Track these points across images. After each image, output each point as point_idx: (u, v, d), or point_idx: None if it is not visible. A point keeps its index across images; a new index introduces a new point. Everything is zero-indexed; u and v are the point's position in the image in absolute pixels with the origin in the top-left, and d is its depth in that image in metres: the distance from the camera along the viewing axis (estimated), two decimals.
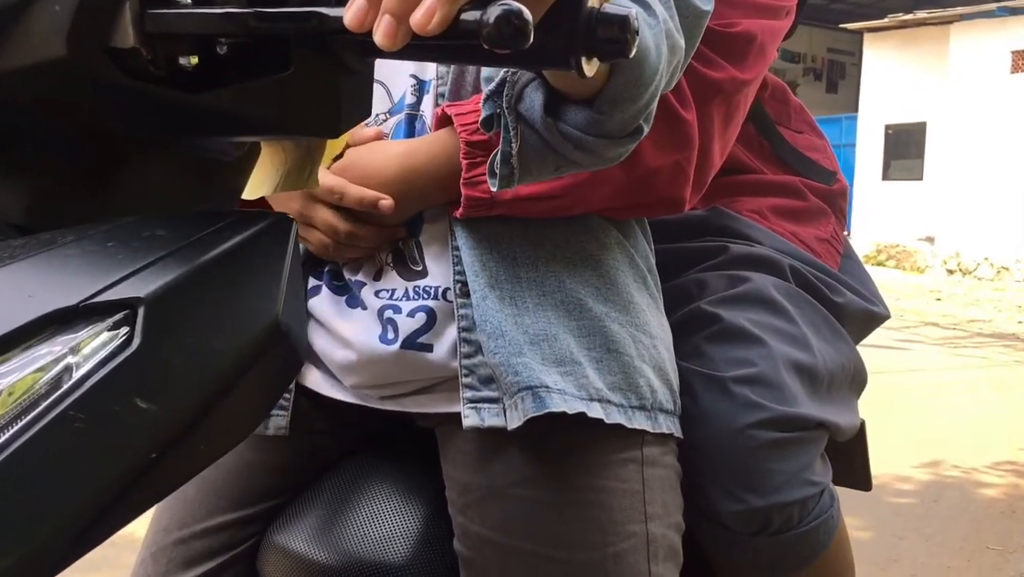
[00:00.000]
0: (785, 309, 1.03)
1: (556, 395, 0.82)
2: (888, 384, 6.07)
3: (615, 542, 0.85)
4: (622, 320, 0.88)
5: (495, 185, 0.72)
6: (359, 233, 0.87)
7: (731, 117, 0.95)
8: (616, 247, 0.91)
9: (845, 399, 1.08)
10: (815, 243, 1.17)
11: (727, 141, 0.97)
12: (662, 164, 0.87)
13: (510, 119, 0.69)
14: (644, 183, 0.87)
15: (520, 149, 0.70)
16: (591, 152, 0.70)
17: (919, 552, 3.21)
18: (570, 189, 0.84)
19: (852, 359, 1.10)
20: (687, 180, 0.90)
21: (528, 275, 0.86)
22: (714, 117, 0.92)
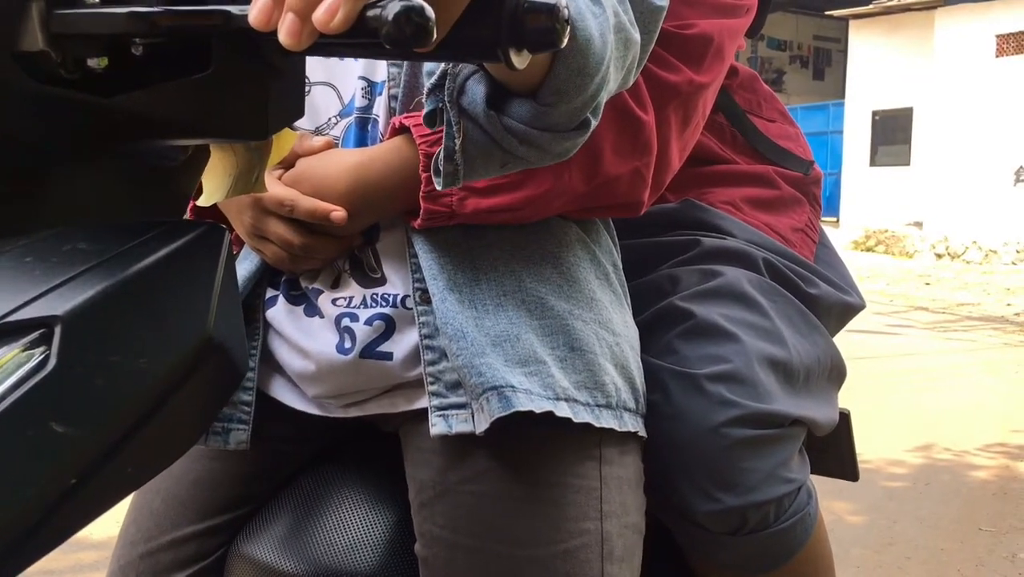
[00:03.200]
0: (758, 304, 1.01)
1: (522, 395, 0.80)
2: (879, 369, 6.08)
3: (567, 539, 0.83)
4: (586, 317, 0.87)
5: (440, 183, 0.70)
6: (313, 245, 0.85)
7: (689, 120, 0.94)
8: (577, 244, 0.90)
9: (823, 393, 1.07)
10: (790, 233, 1.16)
11: (685, 143, 0.95)
12: (622, 172, 0.86)
13: (452, 113, 0.67)
14: (604, 191, 0.86)
15: (464, 145, 0.68)
16: (537, 147, 0.68)
17: (913, 535, 3.22)
18: (531, 200, 0.82)
19: (829, 352, 1.08)
20: (646, 185, 0.89)
21: (487, 276, 0.85)
22: (671, 120, 0.91)
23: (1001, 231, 13.11)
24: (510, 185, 0.82)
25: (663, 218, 1.11)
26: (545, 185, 0.82)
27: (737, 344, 0.96)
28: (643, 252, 1.08)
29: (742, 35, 1.04)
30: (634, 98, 0.86)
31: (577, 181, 0.83)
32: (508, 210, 0.83)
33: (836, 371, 1.10)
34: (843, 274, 1.19)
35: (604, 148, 0.84)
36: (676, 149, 0.93)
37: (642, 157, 0.87)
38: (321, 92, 0.88)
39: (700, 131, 0.98)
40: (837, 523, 3.25)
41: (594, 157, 0.84)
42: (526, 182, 0.82)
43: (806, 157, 1.21)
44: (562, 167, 0.82)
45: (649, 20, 0.76)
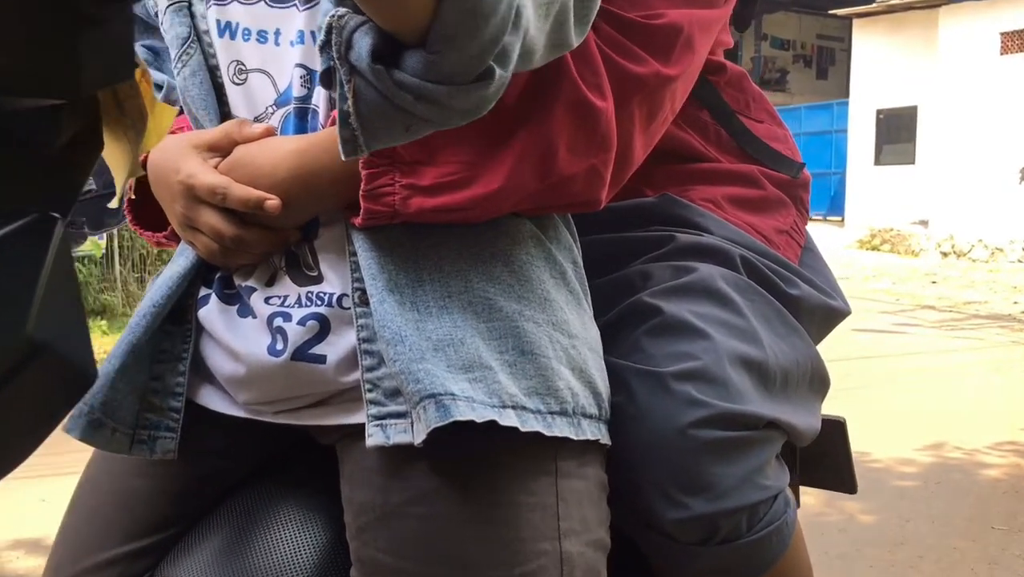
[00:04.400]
0: (733, 301, 0.95)
1: (463, 403, 0.73)
2: (887, 368, 6.07)
3: (522, 562, 0.76)
4: (538, 319, 0.80)
5: (344, 153, 0.64)
6: (246, 237, 0.79)
7: (655, 114, 0.87)
8: (530, 241, 0.83)
9: (803, 400, 1.00)
10: (773, 234, 1.09)
11: (650, 139, 0.89)
12: (578, 170, 0.80)
13: (342, 71, 0.60)
14: (559, 189, 0.80)
15: (357, 106, 0.61)
16: (435, 103, 0.60)
17: (925, 534, 3.22)
18: (480, 200, 0.77)
19: (809, 356, 1.01)
20: (604, 183, 0.83)
21: (432, 277, 0.78)
22: (635, 114, 0.84)
23: (1007, 229, 13.06)
24: (457, 184, 0.76)
25: (638, 213, 1.05)
26: (495, 184, 0.76)
27: (707, 341, 0.89)
28: (615, 248, 1.03)
29: (719, 27, 0.98)
30: (591, 86, 0.79)
31: (530, 180, 0.77)
32: (455, 210, 0.77)
33: (819, 379, 1.03)
34: (828, 278, 1.13)
35: (559, 145, 0.78)
36: (640, 145, 0.87)
37: (599, 153, 0.81)
38: (257, 80, 0.83)
39: (667, 126, 0.92)
40: (849, 522, 3.27)
41: (548, 154, 0.78)
42: (474, 181, 0.77)
43: (795, 159, 1.15)
44: (514, 166, 0.77)
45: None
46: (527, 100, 0.77)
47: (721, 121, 1.12)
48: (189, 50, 0.85)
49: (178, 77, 0.86)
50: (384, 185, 0.75)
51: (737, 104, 1.13)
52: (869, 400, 5.04)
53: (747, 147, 1.12)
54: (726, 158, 1.11)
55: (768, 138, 1.14)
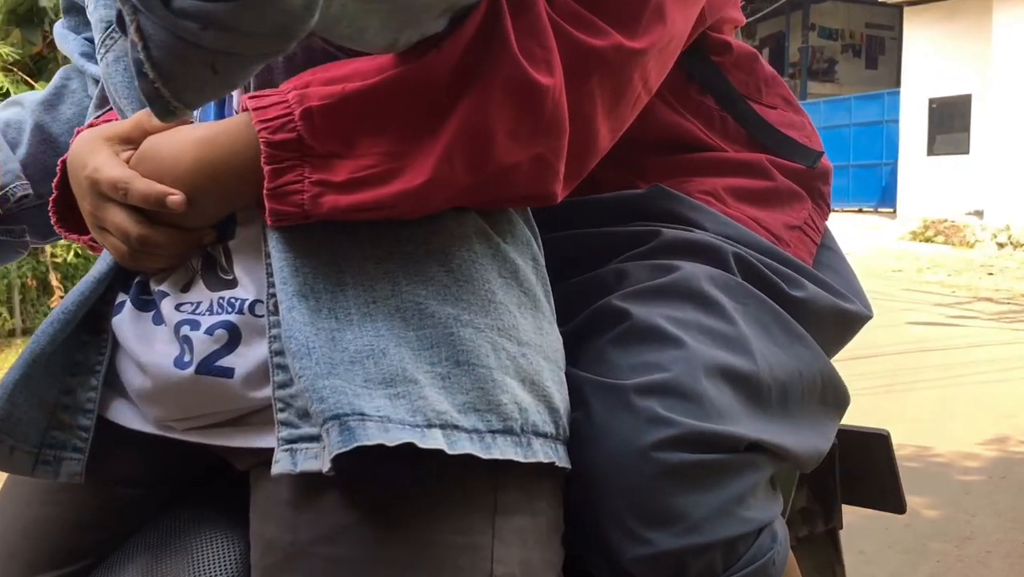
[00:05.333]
0: (718, 304, 0.83)
1: (373, 424, 0.63)
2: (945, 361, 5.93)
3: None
4: (479, 324, 0.70)
5: (156, 113, 0.54)
6: (153, 238, 0.71)
7: (621, 94, 0.76)
8: (475, 236, 0.73)
9: (809, 418, 0.87)
10: (782, 230, 0.97)
11: (618, 122, 0.78)
12: (519, 159, 0.69)
13: (125, 9, 0.51)
14: (497, 183, 0.70)
15: (148, 51, 0.51)
16: (225, 28, 0.49)
17: (992, 529, 3.16)
18: (403, 196, 0.67)
19: (817, 367, 0.88)
20: (555, 174, 0.72)
21: (356, 280, 0.69)
22: (595, 94, 0.73)
23: None
24: (377, 179, 0.67)
25: (623, 206, 0.94)
26: (420, 177, 0.67)
27: (680, 350, 0.78)
28: (593, 244, 0.92)
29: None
30: (537, 62, 0.69)
31: (461, 172, 0.68)
32: (375, 208, 0.67)
33: (832, 392, 0.90)
34: (847, 279, 1.01)
35: (496, 131, 0.67)
36: (604, 129, 0.76)
37: (547, 140, 0.70)
38: None
39: (637, 108, 0.81)
40: (914, 517, 3.21)
41: (482, 142, 0.67)
42: (396, 175, 0.67)
43: (813, 147, 1.03)
44: (442, 156, 0.67)
45: None
46: (459, 80, 0.67)
47: (727, 107, 1.01)
48: (113, 34, 0.79)
49: (101, 63, 0.80)
50: (291, 182, 0.66)
51: (746, 88, 1.02)
52: (927, 394, 4.93)
53: (757, 135, 1.01)
54: (733, 147, 1.00)
55: (782, 125, 1.03)
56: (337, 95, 0.67)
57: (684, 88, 1.00)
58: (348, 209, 0.67)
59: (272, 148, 0.66)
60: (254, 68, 0.54)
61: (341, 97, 0.67)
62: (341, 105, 0.67)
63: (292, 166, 0.67)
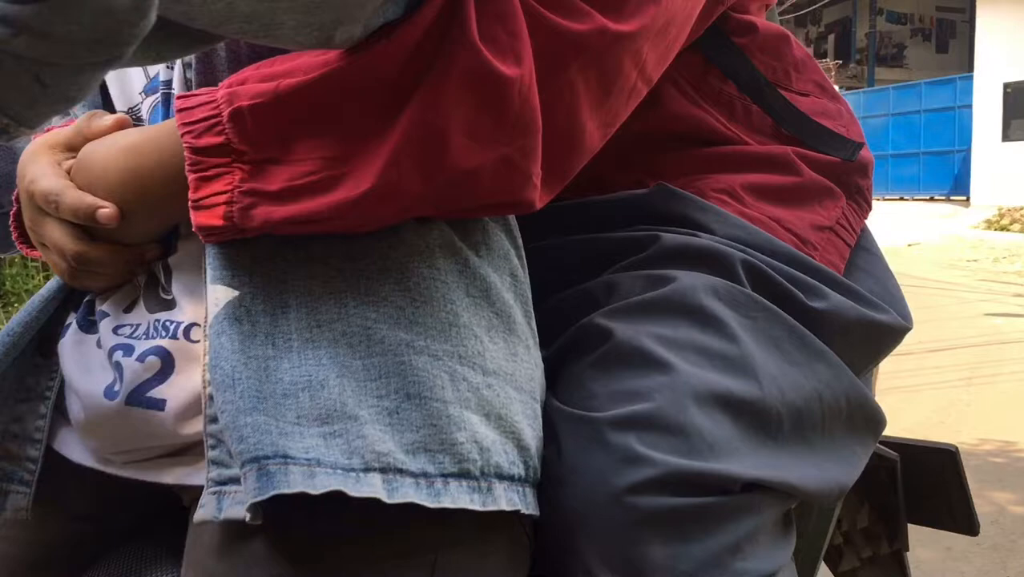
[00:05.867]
0: (717, 319, 0.73)
1: (298, 468, 0.56)
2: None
3: None
4: (436, 350, 0.62)
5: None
6: (90, 254, 0.65)
7: (609, 85, 0.67)
8: (438, 250, 0.65)
9: (832, 445, 0.77)
10: (809, 231, 0.86)
11: (610, 116, 0.69)
12: (482, 162, 0.60)
13: None
14: (458, 189, 0.61)
15: None
16: (40, 33, 0.41)
17: None
18: (345, 207, 0.59)
19: (840, 387, 0.77)
20: (527, 179, 0.63)
21: (300, 301, 0.61)
22: (576, 85, 0.65)
23: None
24: (316, 187, 0.59)
25: (625, 208, 0.84)
26: (363, 185, 0.58)
27: (666, 375, 0.68)
28: (589, 253, 0.82)
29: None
30: (500, 51, 0.60)
31: (411, 178, 0.59)
32: (315, 220, 0.59)
33: (862, 416, 0.79)
34: (885, 286, 0.90)
35: (450, 130, 0.59)
36: (592, 124, 0.67)
37: (514, 140, 0.61)
38: (136, 68, 0.70)
39: (635, 99, 0.72)
40: (1001, 513, 3.13)
41: (435, 143, 0.59)
42: (338, 182, 0.59)
43: (851, 138, 0.91)
44: (389, 160, 0.59)
45: None
46: (412, 73, 0.59)
47: (751, 94, 0.90)
48: None
49: None
50: (219, 192, 0.59)
51: (773, 73, 0.92)
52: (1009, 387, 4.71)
53: (786, 125, 0.90)
54: (757, 139, 0.90)
55: (815, 113, 0.92)
56: (270, 93, 0.59)
57: (702, 74, 0.91)
58: (283, 222, 0.59)
59: (197, 154, 0.59)
60: (91, 79, 0.46)
61: (274, 95, 0.59)
62: (275, 104, 0.59)
63: (220, 174, 0.59)
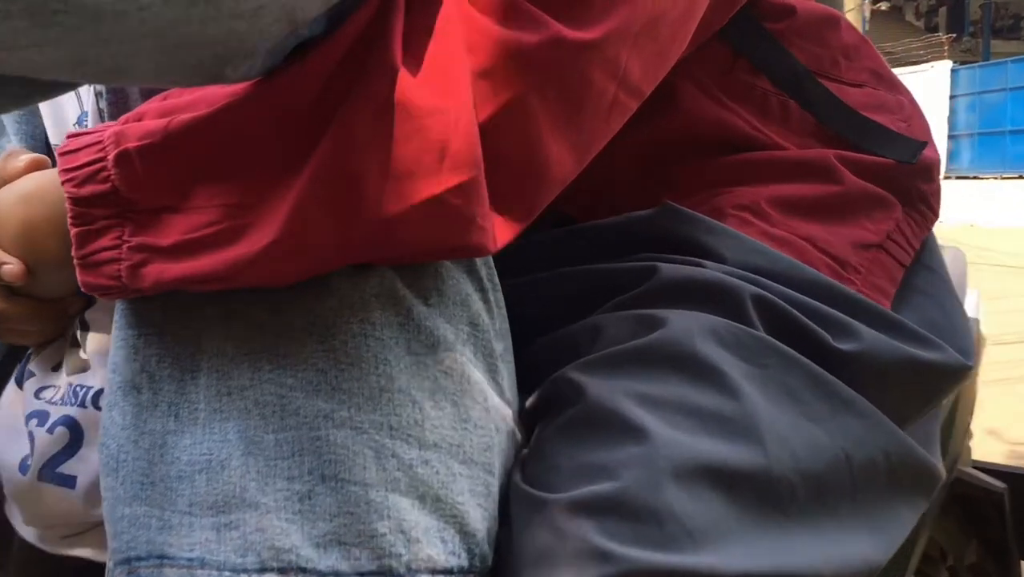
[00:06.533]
0: (714, 370, 0.62)
1: (175, 571, 0.49)
2: None
3: None
4: (360, 422, 0.53)
5: None
6: (8, 311, 0.60)
7: (579, 102, 0.57)
8: (375, 301, 0.56)
9: (865, 513, 0.65)
10: (848, 252, 0.74)
11: (585, 136, 0.59)
12: (404, 208, 0.51)
13: None
14: (378, 239, 0.53)
15: None
16: None
17: None
18: (246, 263, 0.51)
19: (876, 441, 0.66)
20: (469, 221, 0.53)
21: (213, 364, 0.54)
22: (532, 106, 0.54)
23: None
24: (212, 240, 0.51)
25: (625, 233, 0.74)
26: (265, 238, 0.50)
27: (641, 445, 0.57)
28: (579, 287, 0.72)
29: None
30: (424, 73, 0.51)
31: (321, 230, 0.51)
32: (212, 279, 0.52)
33: (907, 471, 0.68)
34: (947, 313, 0.77)
35: (366, 172, 0.50)
36: (560, 149, 0.57)
37: (445, 179, 0.52)
38: (67, 95, 0.65)
39: (620, 114, 0.62)
40: None
41: (347, 188, 0.50)
42: (240, 234, 0.51)
43: (913, 136, 0.78)
44: (295, 208, 0.51)
45: None
46: (328, 104, 0.50)
47: (788, 89, 0.78)
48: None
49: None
50: (106, 248, 0.52)
51: (818, 62, 0.80)
52: None
53: (830, 123, 0.78)
54: (796, 141, 0.78)
55: (868, 107, 0.80)
56: (159, 132, 0.51)
57: (728, 68, 0.79)
58: (177, 282, 0.52)
59: (80, 205, 0.52)
60: None
61: (164, 135, 0.51)
62: (166, 145, 0.51)
63: (107, 227, 0.52)
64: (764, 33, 0.79)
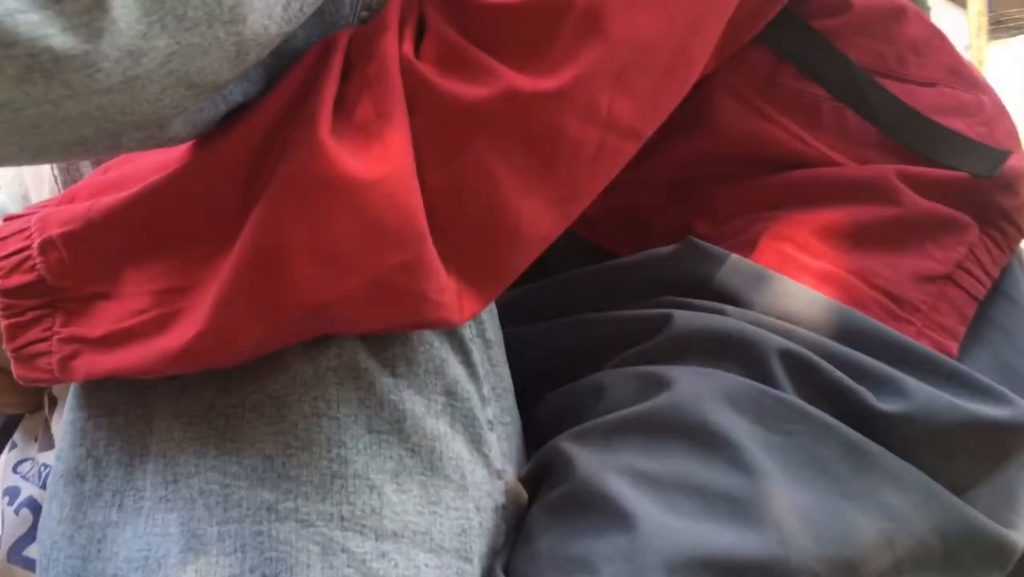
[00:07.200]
0: (726, 441, 0.54)
1: None
2: None
3: None
4: (307, 513, 0.49)
5: None
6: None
7: (549, 154, 0.50)
8: (332, 376, 0.51)
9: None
10: (908, 285, 0.64)
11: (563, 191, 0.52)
12: (339, 293, 0.46)
13: None
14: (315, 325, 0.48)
15: None
16: None
17: None
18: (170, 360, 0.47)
19: (927, 520, 0.56)
20: (419, 299, 0.48)
21: (162, 448, 0.50)
22: (490, 164, 0.48)
23: None
24: (142, 329, 0.48)
25: (643, 274, 0.67)
26: (193, 327, 0.46)
27: (627, 534, 0.50)
28: (589, 338, 0.66)
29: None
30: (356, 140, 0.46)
31: (246, 319, 0.46)
32: (141, 372, 0.49)
33: (971, 549, 0.58)
34: None
35: (291, 255, 0.45)
36: (531, 207, 0.51)
37: (382, 257, 0.46)
38: None
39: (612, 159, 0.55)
40: None
41: (272, 273, 0.46)
42: (171, 322, 0.47)
43: (993, 144, 0.68)
44: (219, 296, 0.46)
45: None
46: (253, 178, 0.46)
47: (842, 94, 0.69)
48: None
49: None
50: (37, 340, 0.49)
51: (881, 61, 0.70)
52: None
53: (893, 131, 0.68)
54: (854, 153, 0.68)
55: (941, 110, 0.69)
56: (80, 219, 0.49)
57: (772, 75, 0.70)
58: (110, 374, 0.49)
59: (8, 296, 0.50)
60: None
61: (85, 221, 0.49)
62: (87, 231, 0.49)
63: (36, 318, 0.50)
64: (812, 33, 0.70)
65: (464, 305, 0.51)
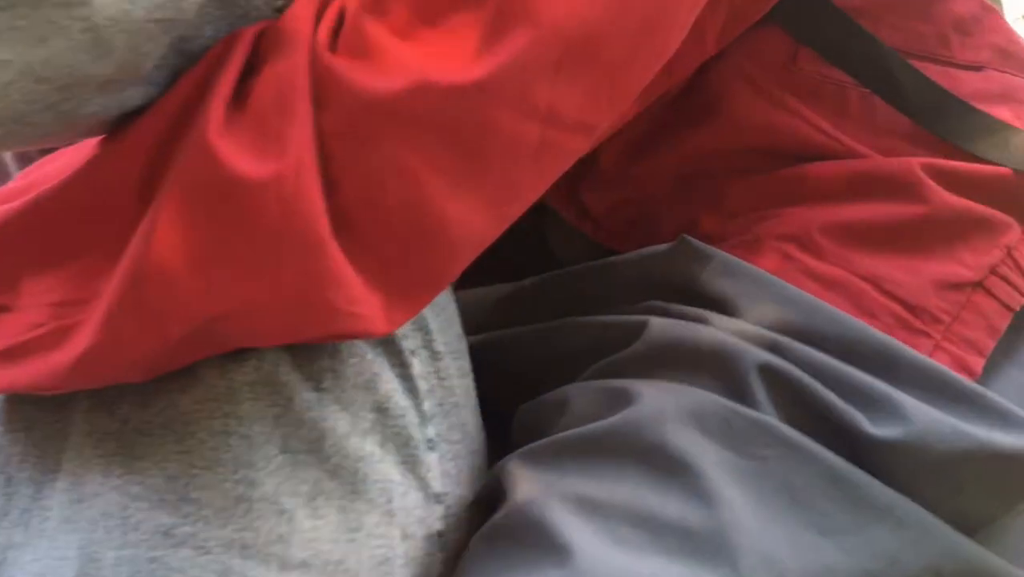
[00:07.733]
0: (685, 466, 0.48)
1: None
2: None
3: None
4: (205, 539, 0.45)
5: None
6: None
7: (479, 151, 0.45)
8: (247, 391, 0.47)
9: None
10: (929, 293, 0.56)
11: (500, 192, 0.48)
12: (233, 306, 0.43)
13: None
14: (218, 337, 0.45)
15: None
16: None
17: None
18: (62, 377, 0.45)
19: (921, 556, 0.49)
20: (329, 311, 0.44)
21: (72, 466, 0.48)
22: (407, 163, 0.44)
23: None
24: (36, 345, 0.45)
25: (633, 274, 0.62)
26: (84, 341, 0.44)
27: (563, 569, 0.44)
28: (564, 346, 0.61)
29: None
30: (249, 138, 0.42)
31: (132, 336, 0.43)
32: (37, 389, 0.46)
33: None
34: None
35: (177, 264, 0.42)
36: (459, 209, 0.46)
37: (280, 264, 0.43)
38: None
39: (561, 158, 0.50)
40: None
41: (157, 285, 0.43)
42: (66, 336, 0.45)
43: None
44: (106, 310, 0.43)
45: None
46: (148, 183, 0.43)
47: (868, 79, 0.62)
48: None
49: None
50: None
51: (920, 42, 0.63)
52: None
53: (926, 120, 0.62)
54: (880, 145, 0.61)
55: (986, 96, 0.62)
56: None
57: (789, 60, 0.64)
58: (9, 390, 0.47)
59: None
60: None
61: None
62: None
63: None
64: (832, 12, 0.63)
65: (393, 314, 0.47)
